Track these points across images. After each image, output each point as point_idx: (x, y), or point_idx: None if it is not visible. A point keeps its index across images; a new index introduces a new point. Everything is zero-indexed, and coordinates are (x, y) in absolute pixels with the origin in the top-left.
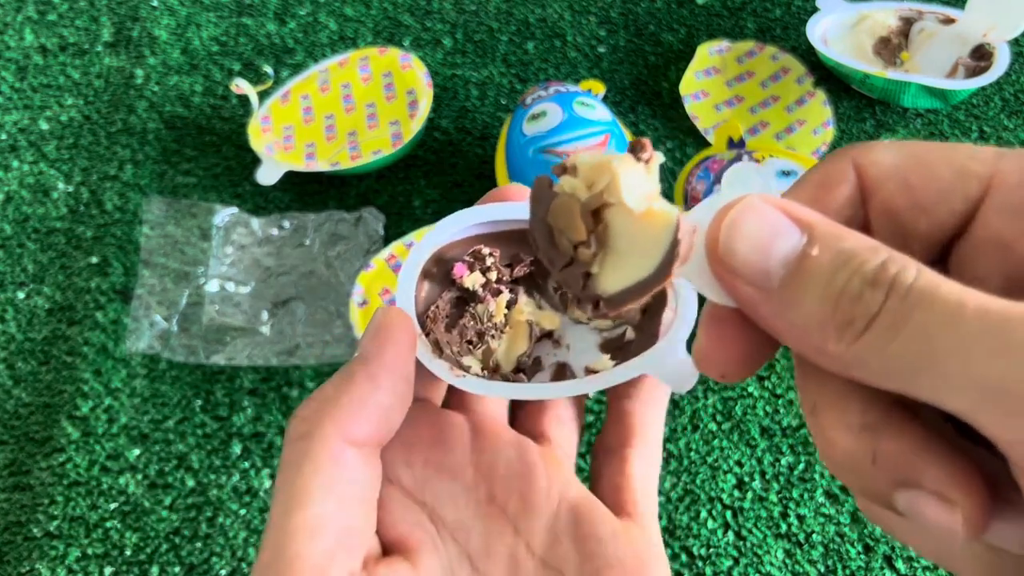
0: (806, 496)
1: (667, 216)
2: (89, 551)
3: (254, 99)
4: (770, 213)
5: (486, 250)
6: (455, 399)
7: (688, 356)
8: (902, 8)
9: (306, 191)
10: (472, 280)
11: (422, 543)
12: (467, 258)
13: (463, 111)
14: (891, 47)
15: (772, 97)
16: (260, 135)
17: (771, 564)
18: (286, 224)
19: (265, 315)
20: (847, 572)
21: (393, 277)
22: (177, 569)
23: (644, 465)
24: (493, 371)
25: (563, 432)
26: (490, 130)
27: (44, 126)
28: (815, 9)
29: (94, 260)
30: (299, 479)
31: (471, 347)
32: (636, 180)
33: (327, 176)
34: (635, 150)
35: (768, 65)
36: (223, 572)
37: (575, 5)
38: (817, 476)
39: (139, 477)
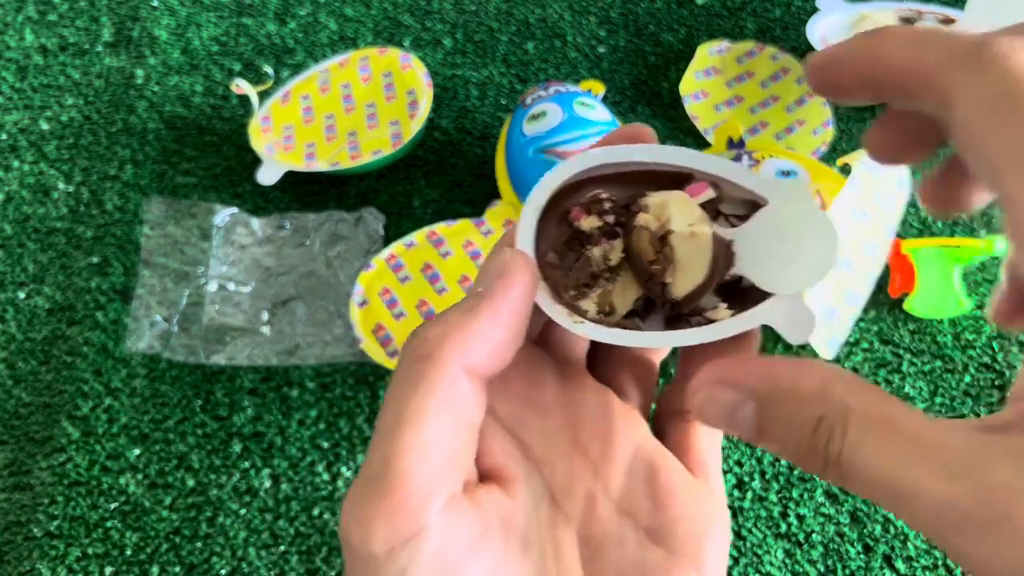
0: (806, 496)
1: (705, 235)
2: (89, 551)
3: (254, 99)
4: (726, 393)
5: (604, 193)
6: (540, 338)
7: (807, 306)
8: (902, 8)
9: (306, 191)
10: (589, 223)
11: (515, 474)
12: (585, 200)
13: (463, 111)
14: None
15: (772, 97)
16: (260, 135)
17: (771, 564)
18: (286, 224)
19: (265, 315)
20: (847, 572)
21: (393, 277)
22: (177, 569)
23: (712, 431)
24: (607, 315)
25: (638, 386)
26: (490, 130)
27: (44, 126)
28: (815, 9)
29: (94, 260)
30: (414, 398)
31: (587, 290)
32: (685, 211)
33: (327, 176)
34: (689, 190)
35: (768, 65)
36: (223, 572)
37: (575, 5)
38: (817, 476)
39: (139, 477)
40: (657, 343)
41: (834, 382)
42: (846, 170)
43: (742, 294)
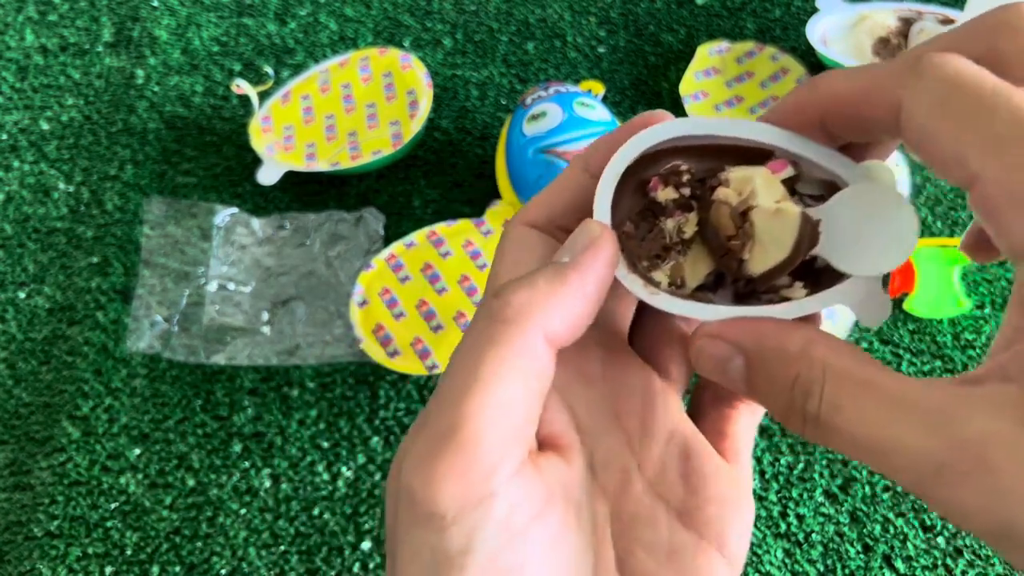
0: (805, 496)
1: (794, 213)
2: (90, 550)
3: (254, 99)
4: (717, 347)
5: (683, 165)
6: None
7: (883, 290)
8: (901, 9)
9: (306, 191)
10: (665, 195)
11: (572, 443)
12: (664, 171)
13: (463, 111)
14: (890, 47)
15: (772, 97)
16: (260, 135)
17: (770, 564)
18: (286, 224)
19: (265, 315)
20: (846, 572)
21: (394, 277)
22: (177, 568)
23: (751, 418)
24: (678, 288)
25: (678, 365)
26: (490, 130)
27: (45, 126)
28: (815, 10)
29: (94, 260)
30: (493, 359)
31: (658, 262)
32: (770, 187)
33: (327, 176)
34: (772, 166)
35: (768, 65)
36: (223, 572)
37: (575, 5)
38: (816, 476)
39: (139, 477)
40: (730, 317)
41: (816, 343)
42: None
43: (815, 275)
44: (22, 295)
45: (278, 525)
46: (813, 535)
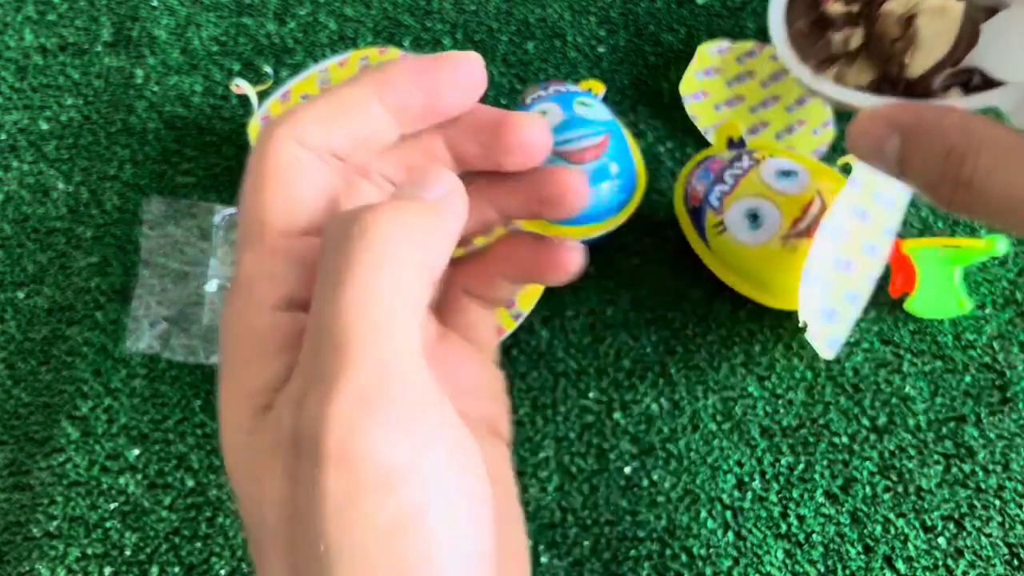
0: (806, 496)
1: (956, 9)
2: (89, 551)
3: (254, 99)
4: (874, 126)
5: None
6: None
7: None
8: None
9: None
10: (835, 8)
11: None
12: None
13: None
14: None
15: (772, 97)
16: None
17: (771, 564)
18: None
19: None
20: (847, 572)
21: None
22: (177, 569)
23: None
24: None
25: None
26: None
27: (44, 126)
28: None
29: (94, 260)
30: (390, 309)
31: (824, 67)
32: None
33: None
34: None
35: (768, 65)
36: (223, 572)
37: (575, 5)
38: (817, 476)
39: (139, 477)
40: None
41: (974, 120)
42: (847, 169)
43: (971, 90)
44: (21, 295)
45: None
46: (814, 536)
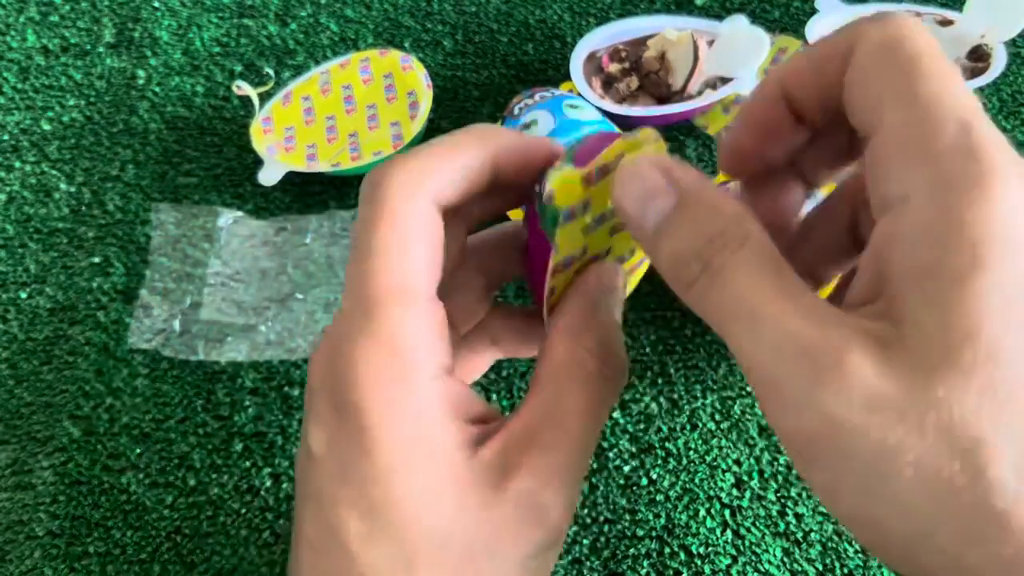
0: (804, 495)
1: (686, 37)
2: (91, 549)
3: (255, 100)
4: (655, 176)
5: (621, 46)
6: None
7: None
8: (900, 9)
9: (307, 192)
10: (613, 68)
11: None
12: (609, 52)
13: (463, 112)
14: None
15: None
16: (261, 136)
17: (769, 563)
18: (287, 224)
19: (266, 314)
20: (845, 571)
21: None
22: (178, 567)
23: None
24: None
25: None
26: None
27: (46, 127)
28: (814, 11)
29: (96, 260)
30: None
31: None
32: (672, 36)
33: (328, 177)
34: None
35: (766, 63)
36: (224, 571)
37: (575, 6)
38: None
39: (141, 476)
40: (672, 111)
41: (748, 216)
42: None
43: (716, 89)
44: (24, 295)
45: (279, 524)
46: (812, 534)
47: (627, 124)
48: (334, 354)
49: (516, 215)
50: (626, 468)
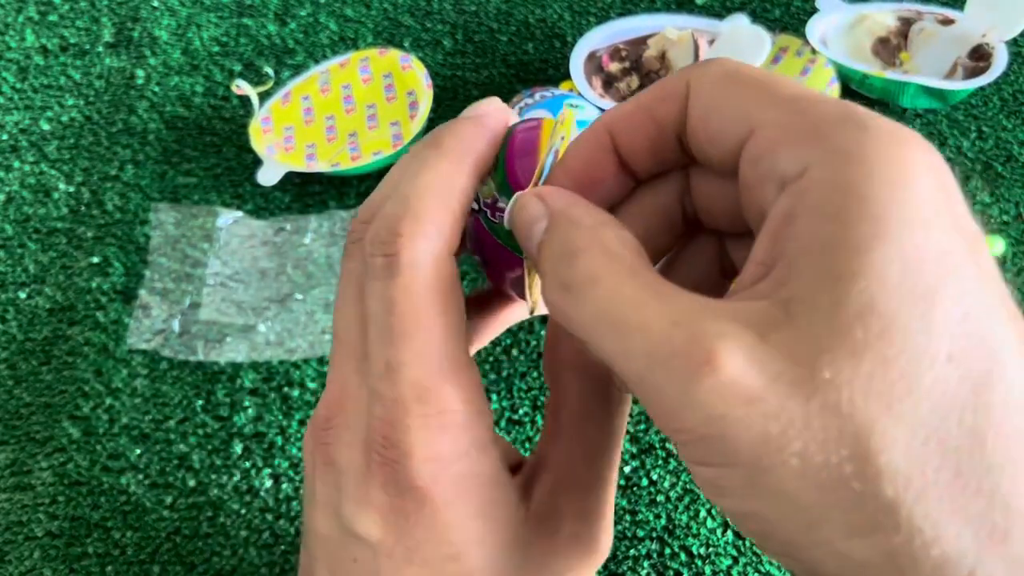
0: None
1: (686, 36)
2: (90, 550)
3: (255, 100)
4: (534, 205)
5: (621, 45)
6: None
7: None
8: (901, 9)
9: (306, 191)
10: (613, 67)
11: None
12: (609, 52)
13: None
14: (890, 47)
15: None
16: (261, 136)
17: (770, 563)
18: (286, 224)
19: (265, 315)
20: None
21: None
22: (178, 568)
23: None
24: None
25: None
26: None
27: (45, 126)
28: (814, 10)
29: (95, 260)
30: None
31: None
32: (673, 35)
33: (327, 177)
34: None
35: (768, 67)
36: (224, 571)
37: (575, 6)
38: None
39: (140, 477)
40: None
41: (608, 225)
42: None
43: None
44: (23, 295)
45: (279, 525)
46: None
47: None
48: (387, 443)
49: None
50: (626, 469)
